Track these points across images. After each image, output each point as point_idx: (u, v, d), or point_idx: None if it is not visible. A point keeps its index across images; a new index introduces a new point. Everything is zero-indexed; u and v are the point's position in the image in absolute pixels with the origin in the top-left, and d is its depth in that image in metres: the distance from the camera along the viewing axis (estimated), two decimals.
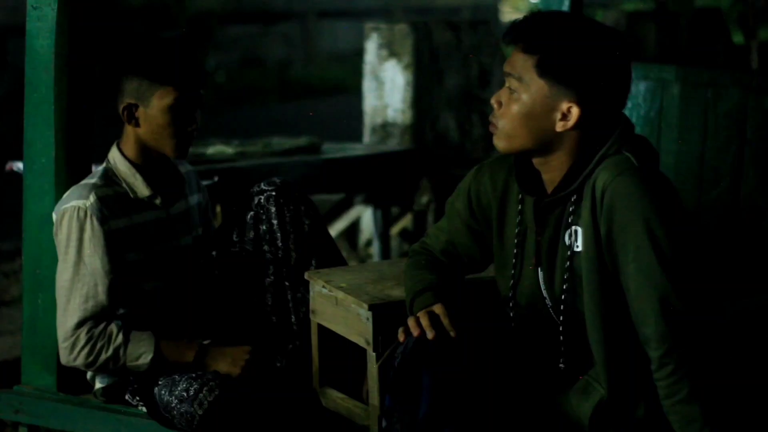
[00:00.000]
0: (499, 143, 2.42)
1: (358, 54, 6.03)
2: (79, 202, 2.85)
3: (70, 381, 3.14)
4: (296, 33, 16.00)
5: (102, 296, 2.85)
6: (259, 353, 2.90)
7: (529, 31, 2.33)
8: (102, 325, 2.86)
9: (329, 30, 16.18)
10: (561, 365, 2.44)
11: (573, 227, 2.37)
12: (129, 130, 2.92)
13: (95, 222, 2.84)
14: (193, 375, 2.81)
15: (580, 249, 2.35)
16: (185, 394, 2.75)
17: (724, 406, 2.31)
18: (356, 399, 2.83)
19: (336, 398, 2.87)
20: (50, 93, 3.08)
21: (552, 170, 2.41)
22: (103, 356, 2.86)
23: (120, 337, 2.85)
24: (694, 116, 4.11)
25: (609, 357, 2.34)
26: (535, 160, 2.43)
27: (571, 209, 2.38)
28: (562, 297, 2.39)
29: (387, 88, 5.75)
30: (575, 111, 2.31)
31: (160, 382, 2.85)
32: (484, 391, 2.38)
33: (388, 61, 5.74)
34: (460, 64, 5.96)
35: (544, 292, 2.44)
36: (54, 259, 2.95)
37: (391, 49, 5.73)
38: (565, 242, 2.39)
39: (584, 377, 2.41)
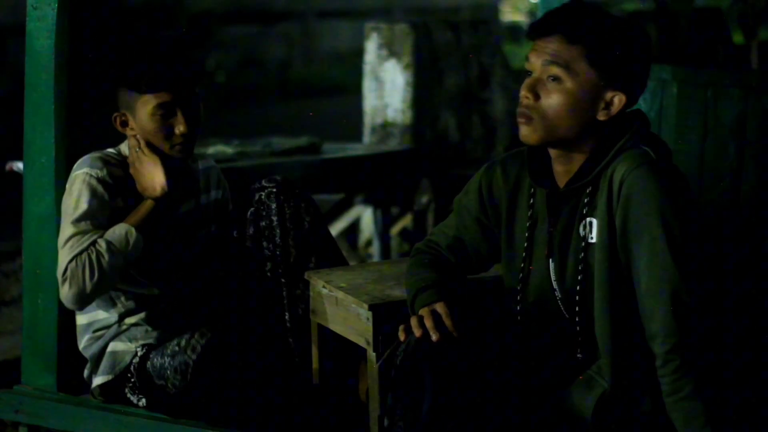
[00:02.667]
0: (534, 135, 2.37)
1: (358, 54, 6.02)
2: (93, 171, 2.87)
3: (70, 381, 3.15)
4: (296, 33, 16.00)
5: (97, 237, 2.81)
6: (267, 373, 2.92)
7: (572, 21, 2.34)
8: (86, 236, 2.80)
9: (329, 30, 16.18)
10: (579, 355, 2.44)
11: (588, 219, 2.38)
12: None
13: (105, 192, 2.86)
14: (182, 335, 2.84)
15: (594, 240, 2.37)
16: (177, 348, 2.79)
17: (724, 405, 2.32)
18: (356, 399, 2.83)
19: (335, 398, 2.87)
20: (50, 93, 3.08)
21: (570, 161, 2.42)
22: (91, 258, 2.78)
23: (100, 241, 2.79)
24: (693, 116, 4.11)
25: (615, 350, 2.35)
26: (557, 152, 2.42)
27: (586, 201, 2.39)
28: (577, 288, 2.40)
29: (387, 88, 5.74)
30: (620, 99, 2.34)
31: (151, 355, 2.87)
32: (487, 388, 2.38)
33: (388, 61, 5.74)
34: (460, 64, 5.95)
35: (555, 284, 2.45)
36: (54, 259, 2.95)
37: (391, 49, 5.73)
38: (579, 234, 2.40)
39: (587, 372, 2.41)
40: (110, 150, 2.98)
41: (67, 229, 2.82)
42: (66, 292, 2.80)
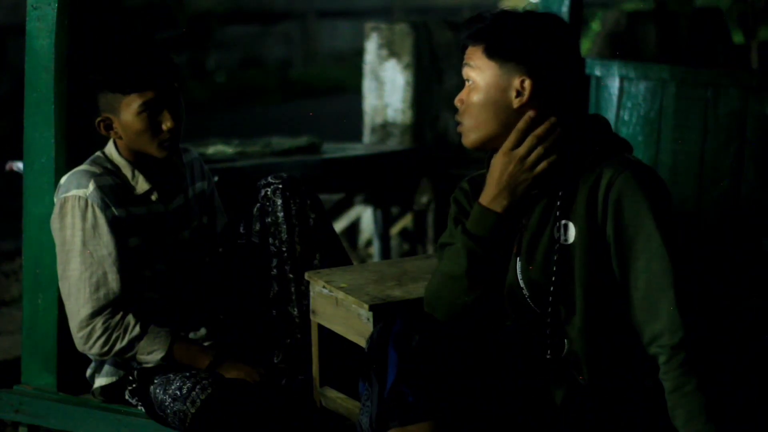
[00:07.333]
0: (467, 139, 2.49)
1: (358, 54, 6.03)
2: (79, 191, 2.86)
3: (70, 381, 3.15)
4: (296, 33, 16.01)
5: (113, 284, 2.86)
6: (270, 374, 2.92)
7: (473, 25, 2.50)
8: (119, 316, 2.86)
9: (329, 30, 16.19)
10: (548, 356, 2.45)
11: (562, 221, 2.40)
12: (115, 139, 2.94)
13: (97, 210, 2.85)
14: (187, 374, 2.82)
15: (570, 242, 2.39)
16: (178, 393, 2.76)
17: (725, 403, 2.32)
18: (356, 399, 2.83)
19: (336, 398, 2.87)
20: (50, 93, 3.08)
21: None
22: (118, 346, 2.86)
23: (137, 328, 2.86)
24: (693, 116, 4.12)
25: (590, 345, 2.37)
26: None
27: (559, 203, 2.41)
28: (551, 289, 2.41)
29: (387, 88, 5.75)
30: (528, 84, 2.43)
31: (155, 381, 2.85)
32: (454, 373, 2.37)
33: (388, 61, 5.74)
34: (460, 64, 5.95)
35: (521, 282, 2.46)
36: (54, 259, 2.95)
37: (391, 49, 5.73)
38: (552, 236, 2.42)
39: (558, 370, 2.41)
40: (97, 155, 2.96)
41: (83, 300, 2.85)
42: (82, 346, 2.89)
